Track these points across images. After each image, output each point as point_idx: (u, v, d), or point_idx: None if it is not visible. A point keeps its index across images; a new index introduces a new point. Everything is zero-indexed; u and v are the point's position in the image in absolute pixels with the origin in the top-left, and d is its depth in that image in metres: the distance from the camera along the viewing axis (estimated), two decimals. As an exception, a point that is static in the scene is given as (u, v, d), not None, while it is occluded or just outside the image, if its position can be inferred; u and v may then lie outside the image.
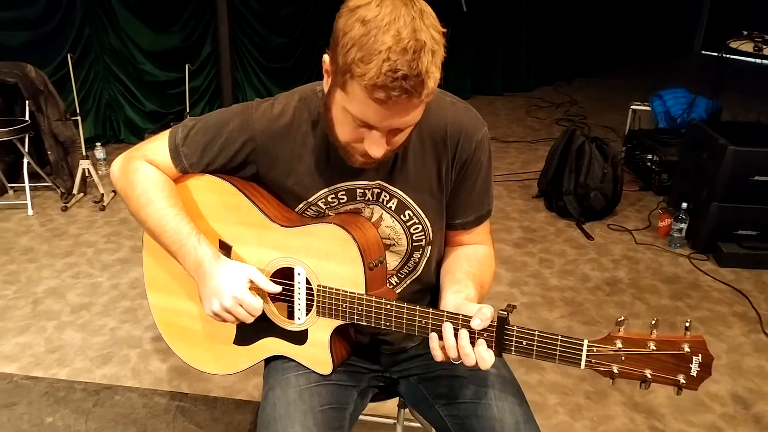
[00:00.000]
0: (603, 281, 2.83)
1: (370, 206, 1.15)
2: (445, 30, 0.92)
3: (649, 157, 3.71)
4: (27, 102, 3.45)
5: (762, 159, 2.87)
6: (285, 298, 1.17)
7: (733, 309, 2.61)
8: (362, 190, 1.13)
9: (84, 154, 3.64)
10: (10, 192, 3.73)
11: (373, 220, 1.16)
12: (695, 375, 0.95)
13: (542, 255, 3.05)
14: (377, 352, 1.27)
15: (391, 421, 1.74)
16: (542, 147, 4.42)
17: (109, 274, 2.86)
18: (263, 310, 1.14)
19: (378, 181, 1.13)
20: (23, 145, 3.43)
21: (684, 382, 0.95)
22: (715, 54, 7.15)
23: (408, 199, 1.14)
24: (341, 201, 1.15)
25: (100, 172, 3.94)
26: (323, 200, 1.14)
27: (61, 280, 2.80)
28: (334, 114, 1.00)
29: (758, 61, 3.90)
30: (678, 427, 1.99)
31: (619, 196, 3.39)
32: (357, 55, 0.87)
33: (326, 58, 0.99)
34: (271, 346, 1.20)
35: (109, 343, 2.37)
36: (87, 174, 3.67)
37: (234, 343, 1.23)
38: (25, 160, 3.47)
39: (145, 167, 1.15)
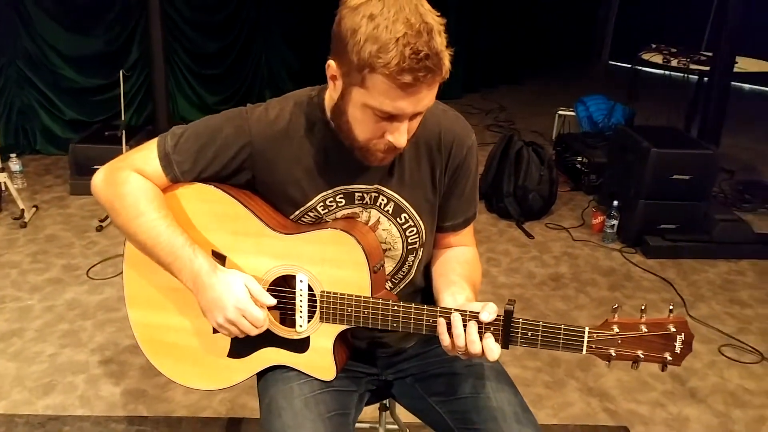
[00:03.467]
0: (547, 277, 2.98)
1: (368, 209, 1.16)
2: (439, 14, 0.96)
3: (579, 159, 3.94)
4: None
5: (679, 159, 3.13)
6: (283, 306, 1.15)
7: (662, 296, 2.83)
8: (360, 194, 1.15)
9: (-1, 166, 3.37)
10: None
11: (371, 223, 1.17)
12: (679, 352, 1.04)
13: (489, 255, 3.16)
14: (374, 356, 1.28)
15: (366, 425, 1.74)
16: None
17: (40, 296, 2.66)
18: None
19: (376, 185, 1.14)
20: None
21: (670, 358, 1.04)
22: (621, 64, 7.78)
23: (404, 202, 1.17)
24: (339, 204, 1.15)
25: (17, 186, 3.66)
26: (322, 204, 1.14)
27: (-17, 306, 2.58)
28: (352, 114, 1.01)
29: (666, 72, 4.25)
30: (627, 407, 2.13)
31: (555, 196, 3.58)
32: (373, 48, 0.90)
33: (332, 63, 1.00)
34: (269, 356, 1.17)
35: (50, 371, 2.20)
36: (3, 188, 3.40)
37: (228, 356, 1.19)
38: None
39: (133, 178, 1.10)
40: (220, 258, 1.14)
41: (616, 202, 3.25)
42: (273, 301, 1.11)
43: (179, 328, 1.20)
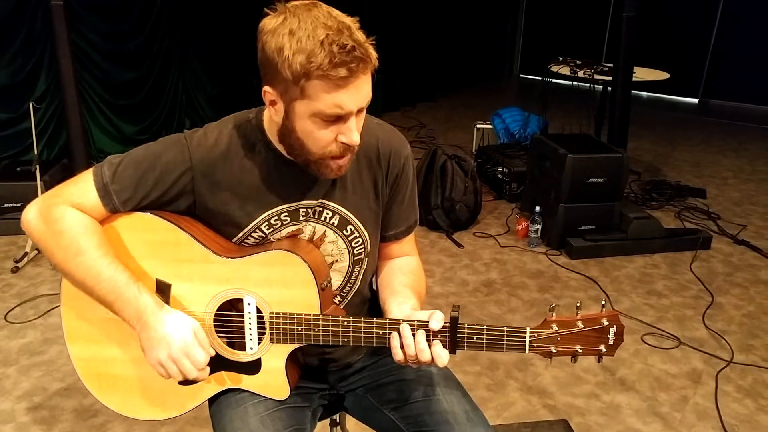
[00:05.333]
0: (480, 284, 3.09)
1: (312, 224, 1.19)
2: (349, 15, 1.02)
3: (499, 169, 4.13)
4: None
5: (593, 164, 3.35)
6: (232, 330, 1.15)
7: (588, 294, 3.00)
8: (305, 210, 1.17)
9: None
10: None
11: (316, 237, 1.20)
12: (612, 343, 1.12)
13: (423, 266, 3.23)
14: (325, 371, 1.29)
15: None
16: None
17: (-47, 346, 2.47)
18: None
19: (320, 200, 1.17)
20: None
21: (605, 350, 1.12)
22: (531, 77, 8.26)
23: (349, 213, 1.20)
24: (284, 222, 1.17)
25: None
26: (266, 223, 1.16)
27: None
28: (301, 129, 1.03)
29: (574, 83, 4.54)
30: (565, 400, 2.25)
31: (480, 206, 3.72)
32: (302, 58, 0.95)
33: (267, 89, 1.03)
34: (221, 380, 1.16)
35: (-28, 423, 2.06)
36: None
37: (179, 383, 1.17)
38: None
39: (70, 213, 1.07)
40: (165, 286, 1.13)
41: (538, 208, 3.42)
42: (212, 353, 1.11)
43: (126, 359, 1.17)
